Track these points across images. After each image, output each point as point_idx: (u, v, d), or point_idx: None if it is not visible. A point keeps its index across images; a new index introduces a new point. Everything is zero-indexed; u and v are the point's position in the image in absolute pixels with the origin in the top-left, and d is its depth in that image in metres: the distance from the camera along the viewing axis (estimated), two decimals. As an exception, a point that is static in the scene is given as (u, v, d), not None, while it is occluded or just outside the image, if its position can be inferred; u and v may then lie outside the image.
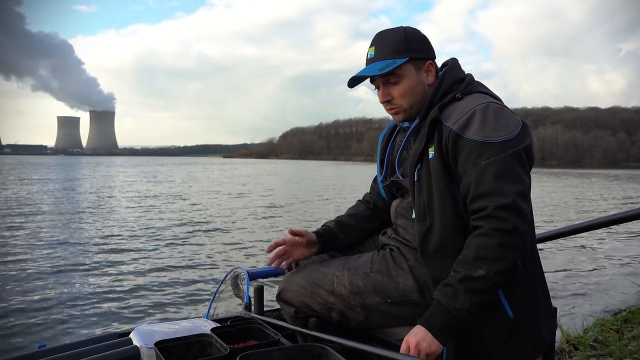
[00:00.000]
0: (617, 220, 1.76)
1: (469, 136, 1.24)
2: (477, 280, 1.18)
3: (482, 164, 1.21)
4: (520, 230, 1.18)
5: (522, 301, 1.26)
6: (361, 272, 1.42)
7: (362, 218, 1.63)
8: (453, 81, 1.38)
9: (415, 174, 1.35)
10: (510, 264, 1.20)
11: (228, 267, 6.74)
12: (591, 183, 38.32)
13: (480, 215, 1.21)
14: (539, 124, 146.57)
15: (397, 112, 1.42)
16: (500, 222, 1.18)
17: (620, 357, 2.78)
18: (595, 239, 10.05)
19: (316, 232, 1.59)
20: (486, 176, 1.21)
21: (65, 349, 1.35)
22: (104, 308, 5.70)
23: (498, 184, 1.19)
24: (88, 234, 10.89)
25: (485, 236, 1.19)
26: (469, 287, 1.18)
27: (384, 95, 1.40)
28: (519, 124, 1.26)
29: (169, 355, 1.18)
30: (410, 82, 1.38)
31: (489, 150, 1.21)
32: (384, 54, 1.37)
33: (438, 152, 1.29)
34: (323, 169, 68.15)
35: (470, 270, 1.19)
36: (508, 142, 1.22)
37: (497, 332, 1.25)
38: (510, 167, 1.21)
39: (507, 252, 1.18)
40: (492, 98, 1.33)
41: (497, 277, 1.19)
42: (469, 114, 1.25)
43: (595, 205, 19.57)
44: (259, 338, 1.35)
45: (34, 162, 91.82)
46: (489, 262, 1.18)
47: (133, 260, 8.24)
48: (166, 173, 48.23)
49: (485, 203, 1.20)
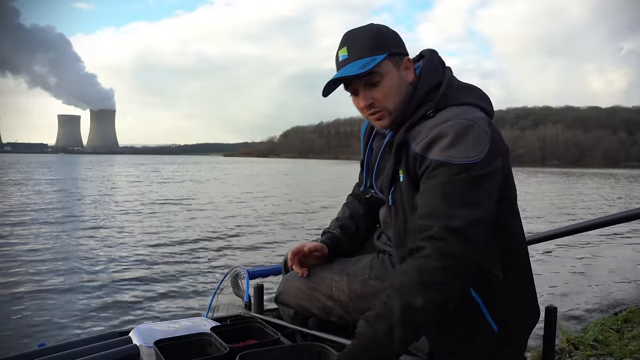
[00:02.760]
0: (617, 219, 1.75)
1: (430, 156, 1.13)
2: (419, 311, 1.04)
3: (437, 184, 1.11)
4: (465, 258, 1.06)
5: (506, 313, 1.19)
6: (360, 278, 1.38)
7: (360, 218, 1.56)
8: (428, 88, 1.24)
9: (390, 198, 1.28)
10: (451, 295, 1.08)
11: (228, 266, 6.74)
12: (593, 183, 38.28)
13: (424, 235, 1.10)
14: (539, 124, 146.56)
15: (382, 116, 1.26)
16: (445, 244, 1.06)
17: (621, 356, 2.78)
18: (596, 239, 10.03)
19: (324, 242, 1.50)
20: (437, 196, 1.10)
21: (65, 347, 1.35)
22: (104, 307, 5.69)
23: (449, 206, 1.08)
24: (88, 234, 10.89)
25: (427, 259, 1.07)
26: (408, 321, 1.04)
27: (366, 99, 1.25)
28: (487, 146, 1.12)
29: (168, 354, 1.18)
30: (393, 81, 1.24)
31: (447, 171, 1.10)
32: (359, 53, 1.22)
33: (407, 175, 1.20)
34: (331, 168, 68.10)
35: (410, 298, 1.04)
36: (470, 166, 1.09)
37: (484, 348, 1.19)
38: (467, 192, 1.09)
39: (451, 278, 1.06)
40: (470, 111, 1.18)
41: (434, 310, 1.06)
42: (434, 134, 1.14)
43: (596, 204, 19.57)
44: (258, 337, 1.36)
45: (34, 160, 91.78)
46: (430, 290, 1.05)
47: (133, 259, 8.24)
48: (170, 173, 48.21)
49: (431, 222, 1.09)
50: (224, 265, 7.74)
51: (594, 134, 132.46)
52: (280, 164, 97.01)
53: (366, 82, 1.24)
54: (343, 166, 70.91)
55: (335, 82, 1.26)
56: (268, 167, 73.73)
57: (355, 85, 1.26)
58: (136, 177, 38.29)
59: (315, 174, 48.67)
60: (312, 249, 1.46)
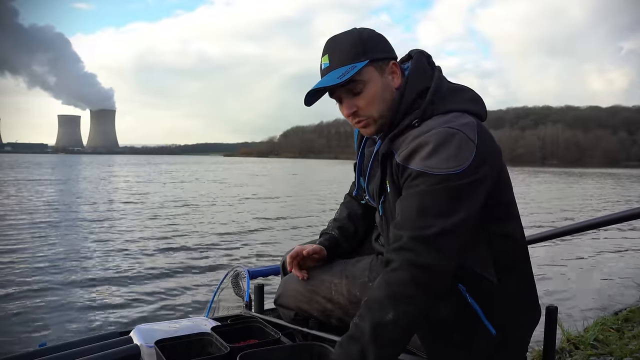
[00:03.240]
0: (617, 219, 1.76)
1: (411, 166, 1.10)
2: (388, 328, 1.01)
3: (413, 194, 1.08)
4: (435, 268, 1.03)
5: (503, 315, 1.17)
6: (359, 281, 1.37)
7: (358, 218, 1.54)
8: (415, 94, 1.21)
9: (380, 208, 1.27)
10: (423, 306, 1.05)
11: (228, 265, 6.75)
12: (593, 182, 38.28)
13: (393, 247, 1.07)
14: (539, 123, 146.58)
15: (367, 124, 1.24)
16: (413, 254, 1.03)
17: (621, 356, 2.78)
18: (596, 238, 10.04)
19: (322, 244, 1.49)
20: (410, 206, 1.07)
21: (66, 347, 1.35)
22: (105, 307, 5.69)
23: (421, 217, 1.05)
24: (89, 234, 10.89)
25: (397, 271, 1.04)
26: (380, 339, 1.01)
27: (349, 107, 1.22)
28: (471, 156, 1.07)
29: (169, 354, 1.18)
30: (376, 88, 1.20)
31: (425, 181, 1.06)
32: (340, 61, 1.19)
33: (392, 186, 1.18)
34: (332, 168, 68.08)
35: (381, 314, 1.02)
36: (450, 176, 1.05)
37: (481, 353, 1.17)
38: (443, 202, 1.05)
39: (421, 290, 1.03)
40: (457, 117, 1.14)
41: (407, 322, 1.03)
42: (416, 144, 1.10)
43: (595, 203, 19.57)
44: (259, 337, 1.36)
45: (35, 160, 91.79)
46: (401, 303, 1.02)
47: (133, 259, 8.24)
48: (171, 173, 48.23)
49: (401, 233, 1.06)
50: (225, 264, 7.74)
51: (594, 133, 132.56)
52: (281, 163, 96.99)
53: (348, 90, 1.21)
54: (344, 166, 70.86)
55: (319, 90, 1.23)
56: (270, 166, 73.71)
57: (339, 94, 1.23)
58: (137, 177, 38.29)
59: (320, 174, 48.66)
60: (310, 252, 1.45)
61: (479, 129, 1.14)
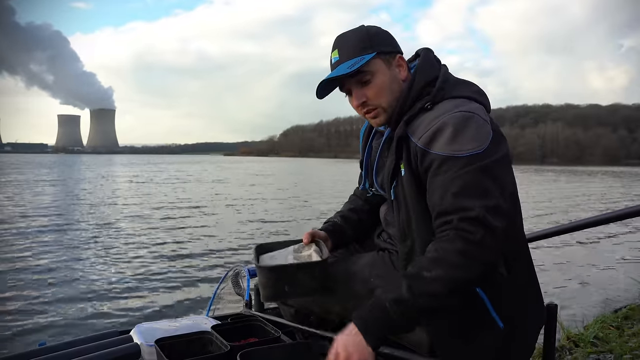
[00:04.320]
0: (617, 217, 1.75)
1: (435, 151, 1.14)
2: (427, 282, 1.06)
3: (447, 180, 1.11)
4: (486, 244, 1.06)
5: (511, 309, 1.19)
6: (360, 277, 1.37)
7: (363, 212, 1.57)
8: (424, 83, 1.26)
9: (391, 193, 1.27)
10: (470, 278, 1.08)
11: (229, 264, 6.75)
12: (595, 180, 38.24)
13: (444, 228, 1.11)
14: (539, 122, 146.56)
15: (376, 114, 1.29)
16: (465, 232, 1.07)
17: (621, 353, 2.79)
18: (596, 236, 10.04)
19: (325, 230, 1.51)
20: (450, 192, 1.10)
21: (66, 346, 1.35)
22: (105, 306, 5.70)
23: (463, 199, 1.09)
24: (89, 234, 10.89)
25: (447, 242, 1.08)
26: (415, 287, 1.07)
27: (358, 97, 1.27)
28: (489, 135, 1.14)
29: (169, 352, 1.18)
30: (384, 79, 1.26)
31: (455, 165, 1.11)
32: (349, 54, 1.26)
33: (408, 169, 1.21)
34: (332, 167, 68.04)
35: (422, 270, 1.08)
36: (476, 156, 1.10)
37: (490, 346, 1.19)
38: (478, 182, 1.09)
39: (469, 262, 1.06)
40: (467, 103, 1.20)
41: (452, 285, 1.06)
42: (435, 128, 1.15)
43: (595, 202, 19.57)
44: (259, 335, 1.36)
45: (35, 160, 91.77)
46: (445, 266, 1.06)
47: (134, 258, 8.24)
48: (173, 173, 48.23)
49: (450, 218, 1.10)
50: (225, 263, 7.74)
51: (594, 131, 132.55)
52: (282, 163, 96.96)
53: (357, 81, 1.26)
54: (345, 165, 70.91)
55: (330, 84, 1.29)
56: (271, 166, 73.69)
57: (348, 85, 1.28)
58: (138, 177, 38.28)
59: (321, 173, 48.64)
60: (323, 238, 1.47)
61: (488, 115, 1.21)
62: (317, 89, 1.30)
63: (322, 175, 44.38)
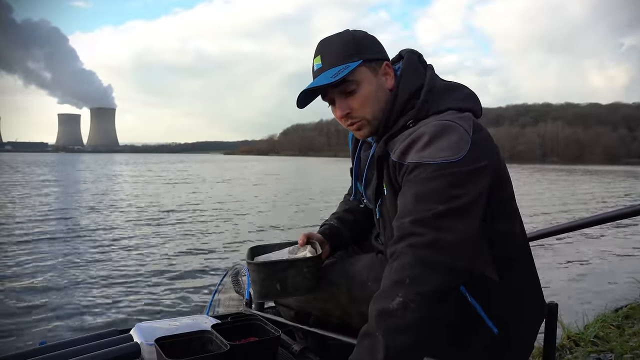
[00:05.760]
0: (618, 216, 1.75)
1: (407, 161, 1.07)
2: (395, 314, 0.93)
3: (411, 185, 1.04)
4: (441, 243, 0.96)
5: (505, 313, 1.14)
6: (358, 281, 1.35)
7: (359, 212, 1.53)
8: (408, 95, 1.18)
9: (377, 211, 1.24)
10: (440, 287, 0.95)
11: (229, 264, 6.75)
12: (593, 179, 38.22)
13: (395, 238, 1.02)
14: (539, 120, 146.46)
15: (360, 126, 1.21)
16: (415, 237, 0.97)
17: (621, 352, 2.78)
18: (596, 235, 10.05)
19: (322, 233, 1.47)
20: (409, 196, 1.03)
21: (66, 345, 1.35)
22: (105, 305, 5.70)
23: (419, 203, 1.00)
24: (89, 232, 10.90)
25: (400, 257, 0.98)
26: (388, 326, 0.93)
27: (342, 109, 1.19)
28: (467, 146, 1.04)
29: (169, 351, 1.18)
30: (370, 88, 1.18)
31: (422, 171, 1.03)
32: (333, 61, 1.17)
33: (390, 188, 1.15)
34: (333, 167, 68.03)
35: (386, 302, 0.95)
36: (448, 164, 1.01)
37: (483, 352, 1.15)
38: (442, 188, 1.00)
39: (428, 270, 0.94)
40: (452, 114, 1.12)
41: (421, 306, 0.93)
42: (410, 139, 1.08)
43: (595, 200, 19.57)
44: (259, 334, 1.35)
45: (35, 160, 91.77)
46: (408, 285, 0.93)
47: (134, 257, 8.25)
48: (173, 173, 48.24)
49: (400, 222, 1.02)
50: (225, 263, 7.75)
51: (594, 130, 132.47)
52: (283, 162, 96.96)
53: (341, 91, 1.19)
54: (345, 164, 70.79)
55: (312, 93, 1.22)
56: (271, 165, 73.67)
57: (331, 95, 1.21)
58: (139, 176, 38.29)
59: (325, 173, 48.65)
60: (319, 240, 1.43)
61: (474, 123, 1.12)
62: (298, 98, 1.22)
63: (322, 174, 44.36)
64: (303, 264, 1.33)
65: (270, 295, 1.35)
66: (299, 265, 1.32)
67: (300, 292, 1.35)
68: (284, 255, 1.43)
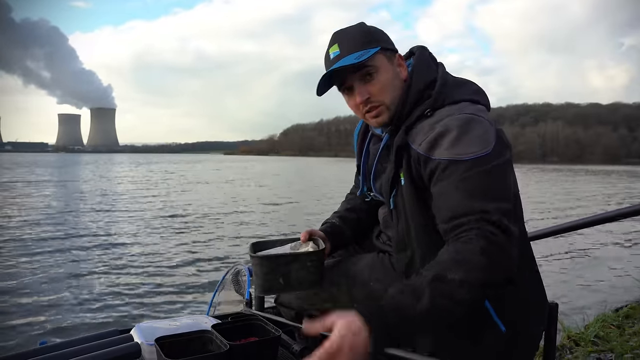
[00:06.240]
0: (618, 215, 1.75)
1: (437, 157, 1.09)
2: (449, 284, 0.95)
3: (453, 184, 1.06)
4: (506, 248, 1.00)
5: (514, 312, 1.15)
6: (359, 280, 1.35)
7: (361, 211, 1.52)
8: (422, 85, 1.21)
9: (391, 202, 1.24)
10: (494, 281, 0.99)
11: (229, 263, 6.75)
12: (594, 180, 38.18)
13: (462, 229, 1.03)
14: (539, 120, 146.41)
15: (379, 112, 1.22)
16: (488, 233, 0.99)
17: (621, 352, 2.78)
18: (596, 235, 10.04)
19: (324, 231, 1.45)
20: (460, 195, 1.04)
21: (66, 345, 1.34)
22: (105, 305, 5.71)
23: (477, 202, 1.02)
24: (89, 232, 10.90)
25: (467, 242, 1.00)
26: (439, 289, 0.95)
27: (362, 94, 1.21)
28: (493, 138, 1.09)
29: (168, 351, 1.18)
30: (388, 75, 1.21)
31: (459, 168, 1.05)
32: (351, 47, 1.19)
33: (408, 178, 1.16)
34: (334, 166, 68.00)
35: (444, 272, 0.97)
36: (483, 158, 1.05)
37: (491, 349, 1.16)
38: (486, 185, 1.04)
39: (493, 264, 0.98)
40: (469, 105, 1.16)
41: (476, 290, 0.97)
42: (436, 133, 1.10)
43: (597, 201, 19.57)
44: (259, 335, 1.35)
45: (36, 160, 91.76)
46: (468, 268, 0.96)
47: (134, 257, 8.25)
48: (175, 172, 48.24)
49: (467, 219, 1.02)
50: (225, 263, 7.75)
51: (595, 130, 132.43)
52: (283, 162, 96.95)
53: (361, 76, 1.21)
54: (346, 164, 70.80)
55: (329, 80, 1.23)
56: (275, 165, 73.65)
57: (350, 82, 1.22)
58: (139, 176, 38.29)
59: (326, 173, 48.63)
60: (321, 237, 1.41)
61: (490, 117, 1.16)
62: (318, 85, 1.24)
63: (323, 174, 44.35)
64: (307, 257, 1.31)
65: (273, 289, 1.33)
66: (303, 259, 1.31)
67: (303, 287, 1.33)
68: (286, 250, 1.42)
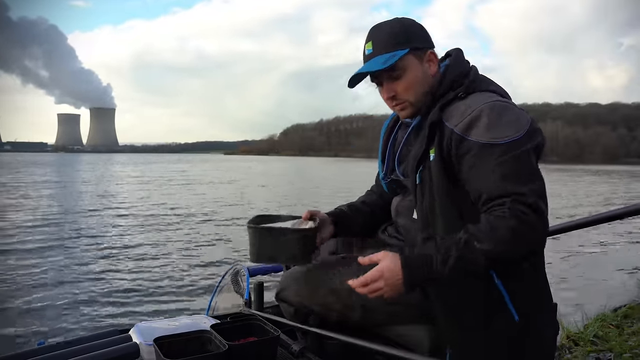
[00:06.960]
0: (618, 215, 1.75)
1: (473, 138, 1.17)
2: (475, 253, 1.09)
3: (489, 166, 1.14)
4: (538, 227, 1.10)
5: (527, 303, 1.21)
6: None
7: (376, 205, 1.59)
8: (456, 75, 1.31)
9: (417, 177, 1.29)
10: (514, 256, 1.12)
11: (228, 263, 6.75)
12: (592, 179, 38.18)
13: (497, 208, 1.12)
14: (539, 120, 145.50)
15: (404, 107, 1.34)
16: (520, 213, 1.09)
17: (620, 352, 2.79)
18: (595, 234, 10.04)
19: (329, 213, 1.54)
20: (496, 177, 1.13)
21: (65, 345, 1.35)
22: (104, 305, 5.70)
23: (512, 185, 1.11)
24: (88, 232, 10.89)
25: (500, 219, 1.10)
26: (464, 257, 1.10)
27: (388, 91, 1.33)
28: (528, 122, 1.18)
29: (167, 351, 1.18)
30: (415, 75, 1.30)
31: (495, 152, 1.14)
32: (382, 48, 1.29)
33: (439, 154, 1.23)
34: (333, 166, 67.98)
35: (473, 240, 1.10)
36: (516, 142, 1.14)
37: (503, 337, 1.21)
38: (521, 168, 1.13)
39: (518, 240, 1.09)
40: (498, 95, 1.26)
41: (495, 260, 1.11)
42: (473, 115, 1.18)
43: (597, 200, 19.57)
44: (258, 334, 1.35)
45: (35, 160, 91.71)
46: (495, 240, 1.08)
47: (133, 257, 8.24)
48: (175, 173, 48.23)
49: (503, 200, 1.11)
50: (225, 263, 7.74)
51: (594, 130, 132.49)
52: (283, 162, 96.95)
53: (389, 76, 1.31)
54: (346, 163, 70.90)
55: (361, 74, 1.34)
56: (275, 165, 73.66)
57: (380, 78, 1.33)
58: (138, 177, 38.29)
59: (326, 173, 48.64)
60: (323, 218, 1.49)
61: None
62: (350, 80, 1.35)
63: (323, 175, 44.37)
64: (299, 232, 1.41)
65: (262, 258, 1.43)
66: (295, 233, 1.40)
67: (292, 261, 1.45)
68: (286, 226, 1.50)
